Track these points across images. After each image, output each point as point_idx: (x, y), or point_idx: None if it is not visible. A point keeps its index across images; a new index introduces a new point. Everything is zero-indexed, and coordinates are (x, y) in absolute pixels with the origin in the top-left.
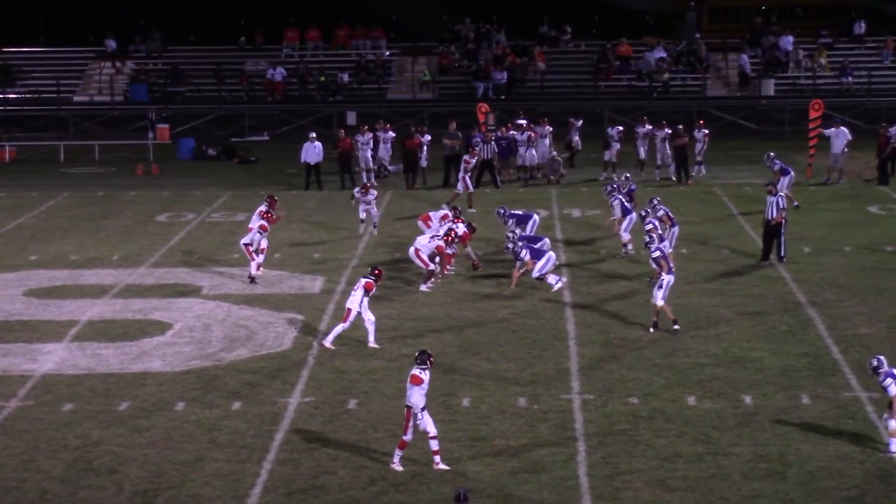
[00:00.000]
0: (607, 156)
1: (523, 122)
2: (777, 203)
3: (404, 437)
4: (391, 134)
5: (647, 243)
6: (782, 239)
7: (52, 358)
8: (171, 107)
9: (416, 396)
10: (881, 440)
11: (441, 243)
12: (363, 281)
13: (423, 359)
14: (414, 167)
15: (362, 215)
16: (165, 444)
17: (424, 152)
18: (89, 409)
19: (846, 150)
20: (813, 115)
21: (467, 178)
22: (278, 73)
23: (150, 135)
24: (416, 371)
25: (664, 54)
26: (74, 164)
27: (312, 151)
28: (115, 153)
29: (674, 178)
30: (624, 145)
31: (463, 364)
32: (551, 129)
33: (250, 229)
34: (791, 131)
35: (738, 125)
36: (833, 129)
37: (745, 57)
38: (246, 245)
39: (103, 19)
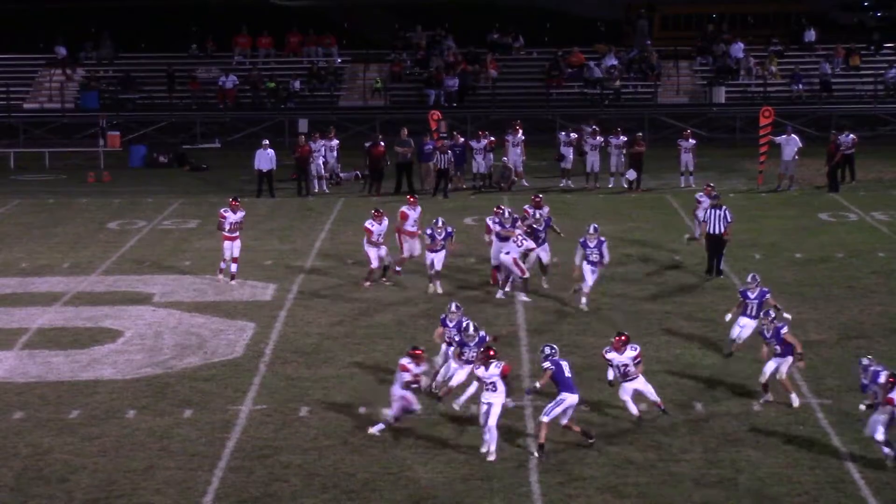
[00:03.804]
0: (564, 163)
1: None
2: (725, 216)
3: None
4: (336, 142)
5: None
6: (723, 255)
7: (2, 366)
8: (121, 114)
9: None
10: (832, 447)
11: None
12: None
13: None
14: (380, 174)
15: None
16: (116, 452)
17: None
18: (39, 417)
19: (797, 157)
20: (763, 122)
21: None
22: (230, 81)
23: (101, 142)
24: None
25: (615, 62)
26: (25, 171)
27: (265, 158)
28: (66, 161)
29: (626, 186)
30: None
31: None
32: (524, 136)
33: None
34: (742, 138)
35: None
36: (784, 136)
37: (826, 65)
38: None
39: (53, 26)
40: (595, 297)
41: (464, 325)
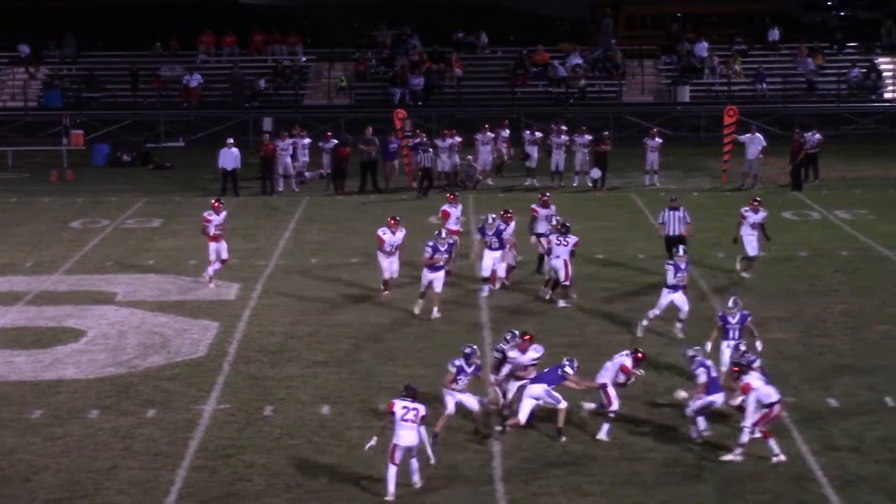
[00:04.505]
0: (529, 162)
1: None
2: (684, 217)
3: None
4: (307, 140)
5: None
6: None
7: None
8: (85, 112)
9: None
10: (795, 444)
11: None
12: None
13: None
14: (343, 174)
15: None
16: (79, 452)
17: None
18: (2, 417)
19: (760, 155)
20: (727, 120)
21: None
22: (194, 79)
23: (65, 141)
24: None
25: (580, 61)
26: None
27: (229, 157)
28: (29, 159)
29: (590, 185)
30: (540, 151)
31: (379, 370)
32: (493, 135)
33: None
34: (706, 137)
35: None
36: (748, 135)
37: (810, 61)
38: None
39: (16, 24)
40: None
41: (509, 336)
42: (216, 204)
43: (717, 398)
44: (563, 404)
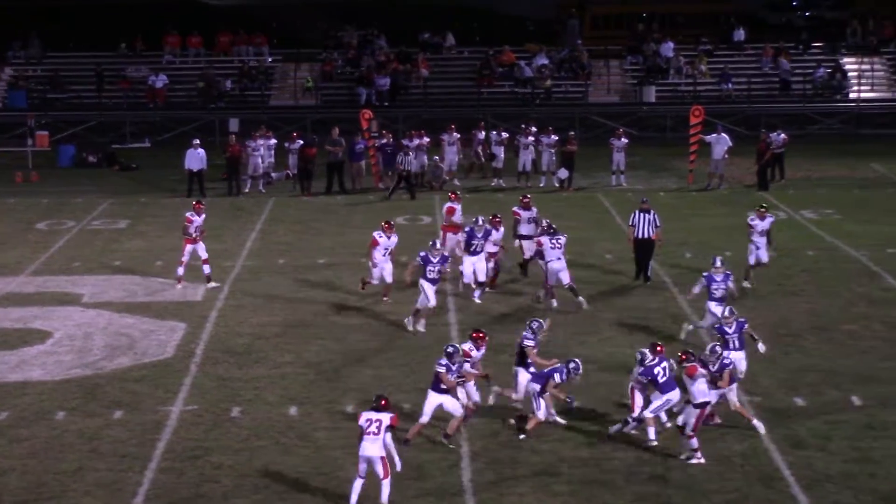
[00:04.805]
0: (495, 162)
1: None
2: (654, 221)
3: None
4: (273, 141)
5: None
6: (651, 260)
7: None
8: (50, 113)
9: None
10: (762, 443)
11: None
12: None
13: None
14: (309, 174)
15: None
16: (46, 453)
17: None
18: None
19: (726, 156)
20: (693, 121)
21: None
22: (160, 80)
23: (29, 142)
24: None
25: (546, 61)
26: None
27: (195, 158)
28: None
29: (557, 185)
30: (506, 151)
31: (346, 371)
32: (459, 136)
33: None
34: (672, 137)
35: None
36: (714, 135)
37: (784, 62)
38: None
39: None
40: (528, 293)
41: (535, 325)
42: (198, 205)
43: (673, 396)
44: (542, 413)
